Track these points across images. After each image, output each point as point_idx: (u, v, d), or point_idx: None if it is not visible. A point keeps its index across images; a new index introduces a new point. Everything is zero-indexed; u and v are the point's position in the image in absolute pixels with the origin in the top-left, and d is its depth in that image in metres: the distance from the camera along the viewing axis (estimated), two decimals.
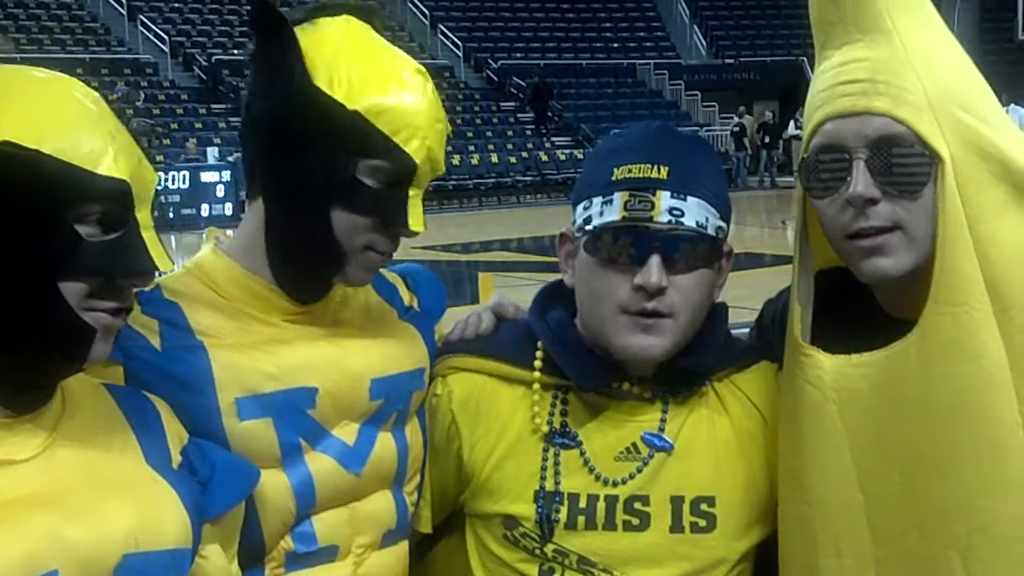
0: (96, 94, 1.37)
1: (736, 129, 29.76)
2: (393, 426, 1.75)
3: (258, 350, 1.62)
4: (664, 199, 1.63)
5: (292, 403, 1.63)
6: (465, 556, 1.84)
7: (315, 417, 1.65)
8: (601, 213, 1.65)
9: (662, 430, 1.75)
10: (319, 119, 1.58)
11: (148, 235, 1.34)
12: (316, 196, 1.60)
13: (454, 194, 25.40)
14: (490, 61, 32.97)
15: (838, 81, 1.58)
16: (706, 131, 30.63)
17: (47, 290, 1.27)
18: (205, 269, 1.68)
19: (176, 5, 31.21)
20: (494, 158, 27.07)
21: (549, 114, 30.77)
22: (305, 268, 1.66)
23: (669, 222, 1.63)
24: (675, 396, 1.77)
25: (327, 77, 1.58)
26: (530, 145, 28.27)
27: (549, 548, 1.72)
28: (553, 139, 29.11)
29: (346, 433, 1.69)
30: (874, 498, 1.58)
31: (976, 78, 1.61)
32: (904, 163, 1.54)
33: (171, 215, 19.40)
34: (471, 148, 27.22)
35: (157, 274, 1.39)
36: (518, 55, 33.98)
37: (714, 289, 1.73)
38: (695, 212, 1.65)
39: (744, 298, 1.70)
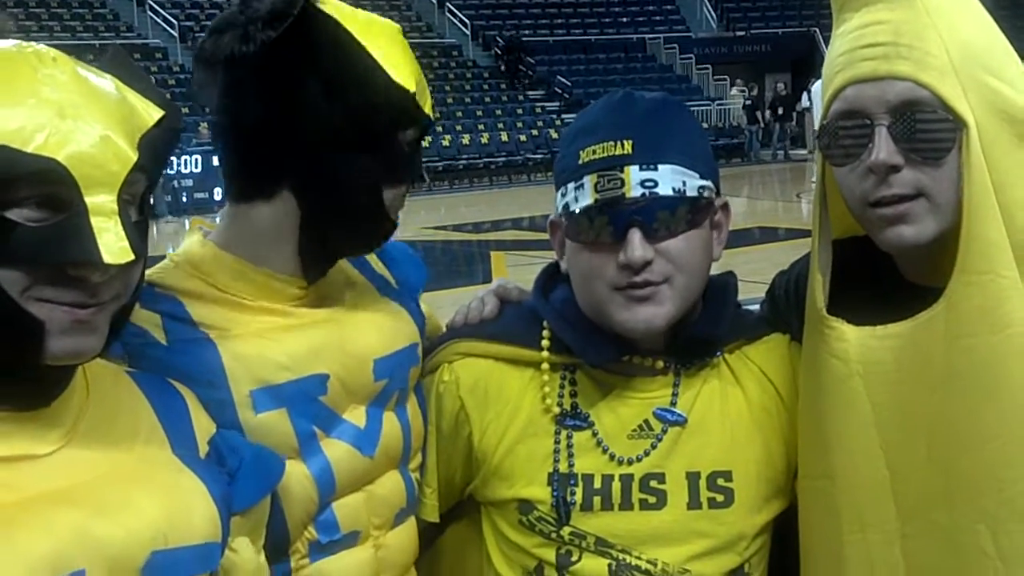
0: (74, 67, 1.26)
1: (748, 102, 29.63)
2: (396, 405, 1.74)
3: (266, 339, 1.60)
4: (633, 174, 1.60)
5: (305, 392, 1.61)
6: (479, 542, 1.82)
7: (327, 403, 1.63)
8: (576, 199, 1.63)
9: (674, 404, 1.73)
10: (390, 106, 1.58)
11: (101, 221, 1.20)
12: (375, 181, 1.61)
13: (464, 173, 25.36)
14: (498, 39, 32.84)
15: (858, 45, 1.54)
16: (717, 104, 30.54)
17: None
18: (197, 263, 1.63)
19: None
20: (504, 136, 27.00)
21: (521, 68, 30.85)
22: (346, 251, 1.69)
23: (643, 195, 1.60)
24: (687, 368, 1.74)
25: (386, 60, 1.58)
26: (540, 123, 28.19)
27: (566, 531, 1.70)
28: (563, 116, 29.00)
29: (356, 416, 1.68)
30: (900, 472, 1.55)
31: (1000, 40, 1.57)
32: (928, 129, 1.50)
33: (184, 199, 19.43)
34: (481, 127, 27.16)
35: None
36: (526, 32, 33.84)
37: (712, 247, 1.70)
38: (669, 179, 1.61)
39: (758, 272, 1.68)
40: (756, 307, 1.97)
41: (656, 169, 1.61)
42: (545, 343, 1.76)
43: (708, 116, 29.72)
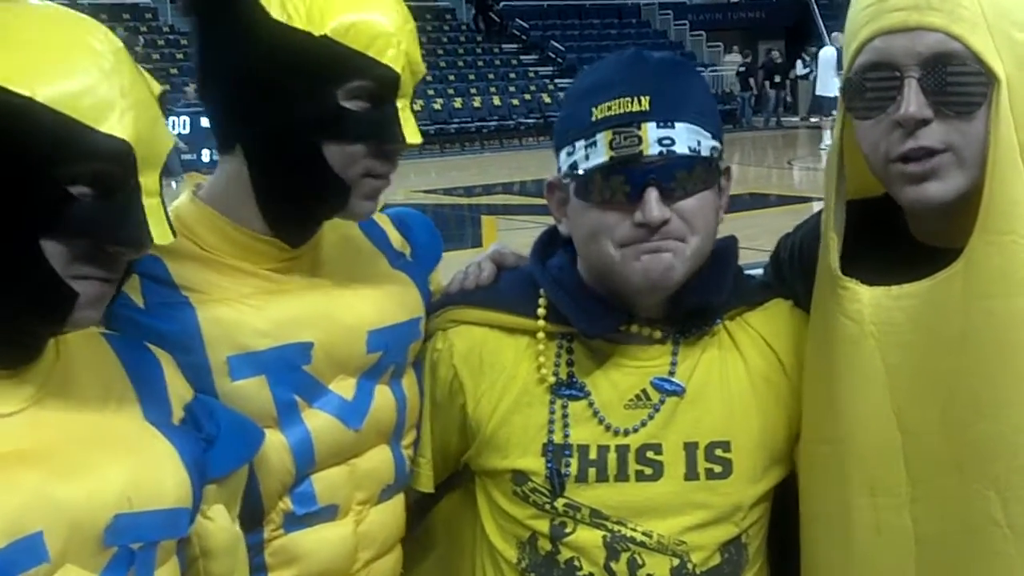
0: (119, 44, 1.25)
1: (741, 69, 29.56)
2: (391, 379, 1.70)
3: (247, 304, 1.55)
4: (651, 131, 1.55)
5: (286, 359, 1.56)
6: (474, 514, 1.79)
7: (311, 373, 1.59)
8: (587, 157, 1.58)
9: (672, 373, 1.69)
10: (287, 55, 1.48)
11: (151, 203, 1.23)
12: (303, 135, 1.51)
13: (456, 137, 25.27)
14: (491, 2, 32.65)
15: None
16: (712, 71, 30.44)
17: (28, 248, 1.17)
18: (184, 220, 1.58)
19: None
20: (496, 100, 26.90)
21: (492, 16, 30.94)
22: (304, 210, 1.60)
23: (660, 154, 1.55)
24: (686, 336, 1.71)
25: (280, 6, 1.48)
26: (533, 87, 28.09)
27: (560, 503, 1.67)
28: (556, 81, 28.90)
29: (344, 388, 1.63)
30: (912, 436, 1.52)
31: None
32: (959, 82, 1.46)
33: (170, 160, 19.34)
34: (473, 91, 27.05)
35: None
36: None
37: (719, 210, 1.66)
38: (685, 137, 1.56)
39: (751, 238, 1.66)
40: (753, 272, 1.93)
41: (673, 127, 1.56)
42: (541, 311, 1.72)
43: None
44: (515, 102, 27.15)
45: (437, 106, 25.24)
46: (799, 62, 29.04)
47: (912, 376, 1.51)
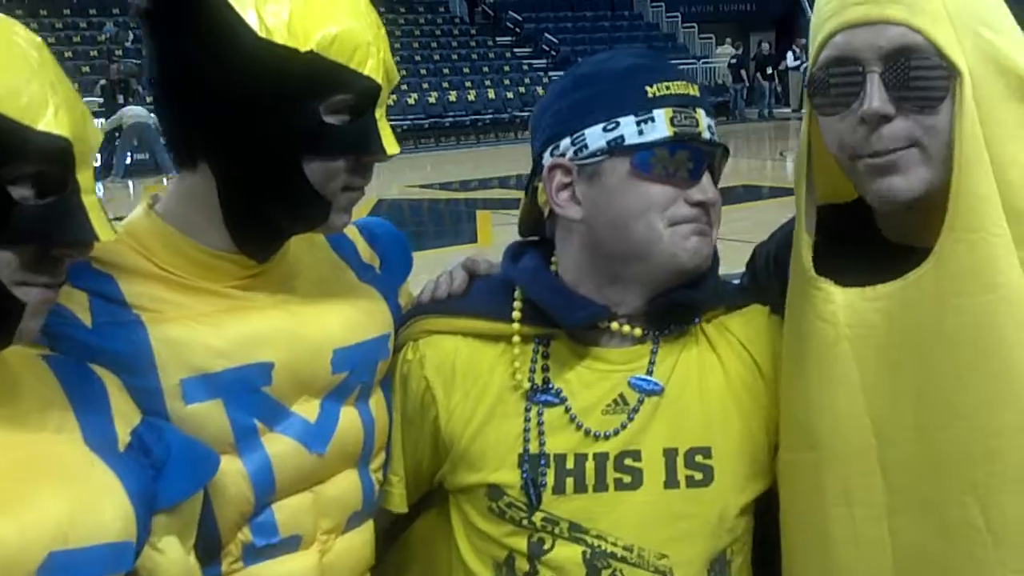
0: (39, 39, 1.20)
1: (733, 61, 29.55)
2: (357, 400, 1.62)
3: (204, 323, 1.47)
4: (703, 116, 1.61)
5: (245, 381, 1.48)
6: (448, 534, 1.74)
7: (271, 394, 1.51)
8: (640, 132, 1.58)
9: (651, 373, 1.66)
10: (270, 73, 1.40)
11: (90, 200, 1.18)
12: (283, 153, 1.44)
13: (451, 131, 25.25)
14: None
15: None
16: (703, 63, 30.42)
17: None
18: (139, 236, 1.51)
19: None
20: (491, 94, 26.87)
21: (486, 9, 31.28)
22: (278, 228, 1.53)
23: (711, 139, 1.62)
24: (665, 335, 1.68)
25: (260, 22, 1.40)
26: (527, 80, 28.06)
27: (537, 517, 1.63)
28: (551, 74, 28.88)
29: (307, 410, 1.55)
30: (888, 442, 1.49)
31: None
32: (922, 76, 1.44)
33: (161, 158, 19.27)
34: (468, 84, 27.02)
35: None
36: None
37: None
38: (716, 129, 1.65)
39: (744, 231, 1.68)
40: (741, 269, 1.92)
41: (713, 118, 1.64)
42: (516, 314, 1.69)
43: (694, 74, 29.42)
44: (509, 95, 27.12)
45: (432, 100, 25.23)
46: (790, 53, 29.02)
47: (887, 378, 1.49)
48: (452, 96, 25.92)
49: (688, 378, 1.68)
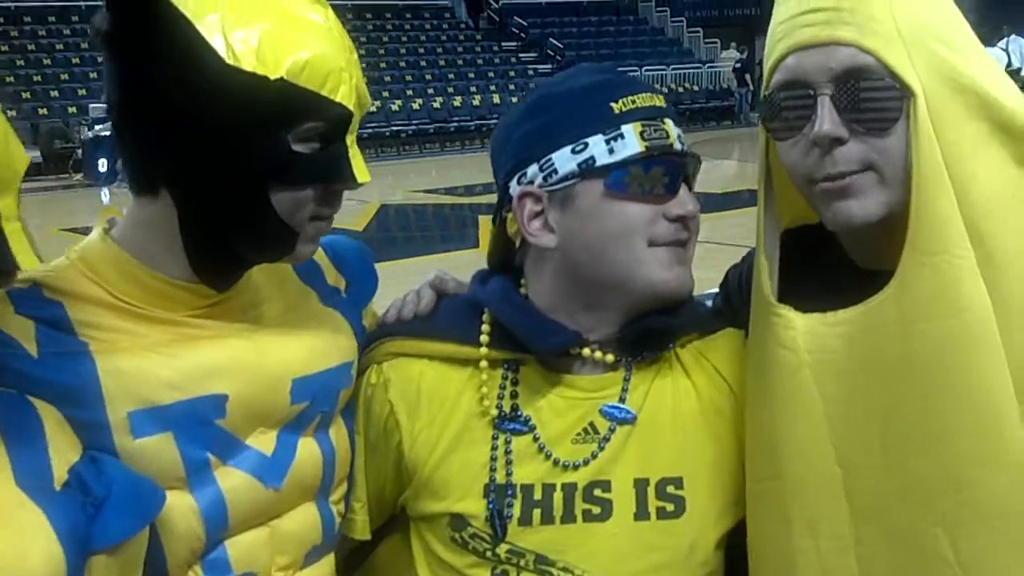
0: None
1: (738, 65, 29.56)
2: (316, 430, 1.56)
3: (155, 353, 1.41)
4: (671, 126, 1.57)
5: (197, 414, 1.42)
6: (410, 561, 1.68)
7: (225, 427, 1.44)
8: (611, 150, 1.52)
9: (623, 400, 1.61)
10: (238, 101, 1.34)
11: (11, 228, 1.13)
12: (251, 182, 1.39)
13: (456, 136, 25.24)
14: (491, 1, 32.66)
15: (800, 10, 1.45)
16: (708, 67, 30.42)
17: None
18: (92, 262, 1.44)
19: None
20: (496, 99, 26.86)
21: (491, 14, 31.38)
22: (242, 258, 1.47)
23: (682, 149, 1.57)
24: (638, 362, 1.63)
25: (227, 49, 1.34)
26: (532, 85, 27.90)
27: (502, 549, 1.57)
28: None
29: (262, 442, 1.49)
30: (853, 471, 1.44)
31: (951, 8, 1.47)
32: (873, 97, 1.40)
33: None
34: (473, 89, 27.04)
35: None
36: None
37: None
38: (686, 138, 1.60)
39: (747, 235, 1.65)
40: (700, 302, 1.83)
41: (680, 127, 1.59)
42: (484, 338, 1.63)
43: (699, 79, 29.63)
44: (514, 100, 26.77)
45: (436, 104, 25.25)
46: None
47: (850, 406, 1.44)
48: (457, 101, 25.94)
49: (661, 406, 1.63)
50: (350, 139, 1.44)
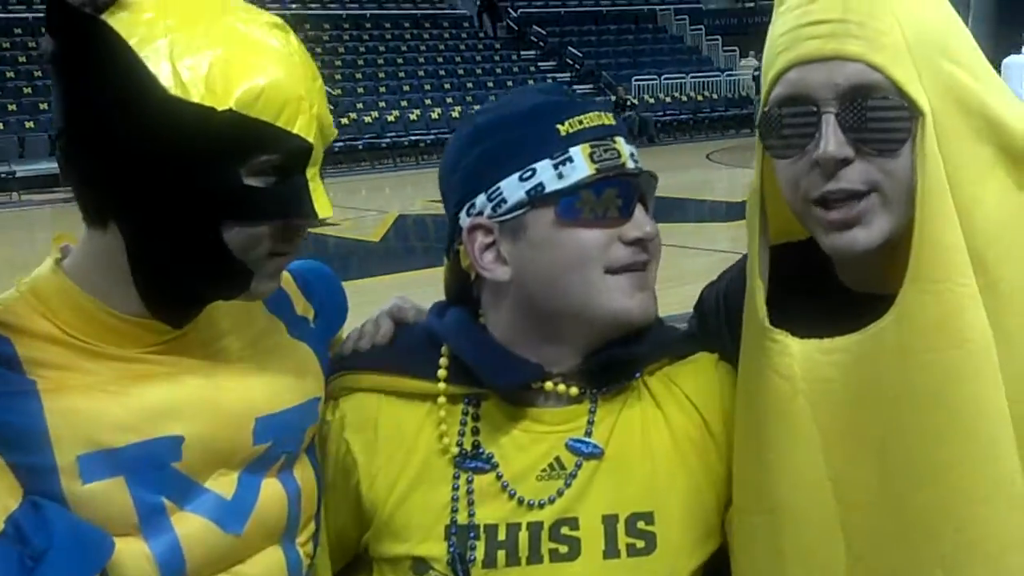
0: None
1: (757, 74, 29.53)
2: (280, 470, 1.47)
3: (107, 392, 1.32)
4: (622, 144, 1.49)
5: (151, 457, 1.33)
6: None
7: (181, 470, 1.36)
8: (560, 175, 1.45)
9: (589, 434, 1.53)
10: (182, 133, 1.26)
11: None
12: (200, 216, 1.30)
13: None
14: (510, 10, 32.73)
15: (804, 22, 1.36)
16: (727, 76, 30.39)
17: None
18: (42, 294, 1.36)
19: None
20: None
21: (510, 23, 31.46)
22: (195, 295, 1.39)
23: (635, 168, 1.49)
24: (604, 393, 1.55)
25: (173, 77, 1.25)
26: None
27: None
28: (575, 87, 28.95)
29: (222, 485, 1.40)
30: (850, 506, 1.38)
31: (956, 21, 1.40)
32: (881, 116, 1.32)
33: None
34: (492, 98, 26.82)
35: None
36: (538, 3, 33.71)
37: None
38: (639, 155, 1.52)
39: None
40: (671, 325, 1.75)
41: (633, 144, 1.52)
42: (442, 372, 1.55)
43: (718, 87, 29.60)
44: None
45: (455, 114, 25.24)
46: None
47: (847, 438, 1.38)
48: (476, 110, 25.98)
49: (630, 438, 1.55)
50: (312, 171, 1.36)
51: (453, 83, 27.54)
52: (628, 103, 27.33)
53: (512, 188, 1.47)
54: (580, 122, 1.48)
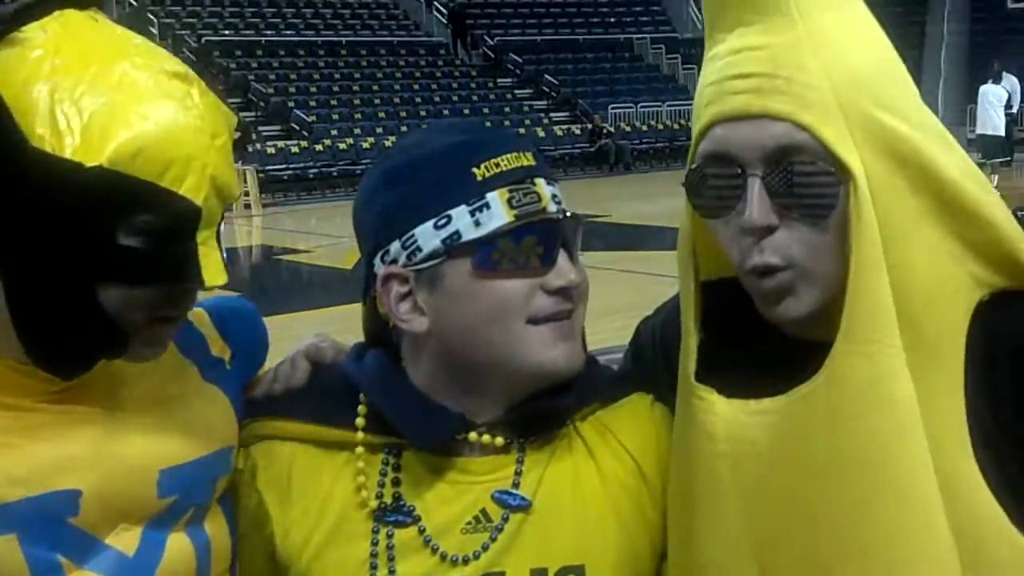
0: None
1: None
2: (188, 524, 1.38)
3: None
4: (543, 186, 1.40)
5: (46, 512, 1.25)
6: None
7: (80, 526, 1.28)
8: (477, 223, 1.36)
9: (516, 486, 1.45)
10: (53, 187, 1.16)
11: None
12: (71, 276, 1.21)
13: None
14: (487, 38, 32.83)
15: (729, 74, 1.29)
16: None
17: None
18: None
19: None
20: None
21: (469, 39, 31.50)
22: (73, 355, 1.29)
23: (558, 211, 1.40)
24: (531, 442, 1.47)
25: (50, 124, 1.16)
26: (528, 121, 28.13)
27: None
28: (551, 115, 29.03)
29: (124, 541, 1.32)
30: (772, 571, 1.31)
31: (893, 63, 1.32)
32: (807, 182, 1.25)
33: None
34: None
35: None
36: (515, 31, 33.83)
37: None
38: (563, 195, 1.43)
39: None
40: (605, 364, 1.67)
41: (555, 184, 1.43)
42: (360, 421, 1.47)
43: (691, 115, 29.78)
44: None
45: None
46: None
47: (771, 504, 1.31)
48: None
49: (560, 489, 1.47)
50: (204, 235, 1.25)
51: (429, 110, 27.54)
52: (605, 131, 27.43)
53: (427, 236, 1.39)
54: (497, 164, 1.39)
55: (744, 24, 1.30)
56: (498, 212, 1.36)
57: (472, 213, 1.37)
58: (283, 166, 22.98)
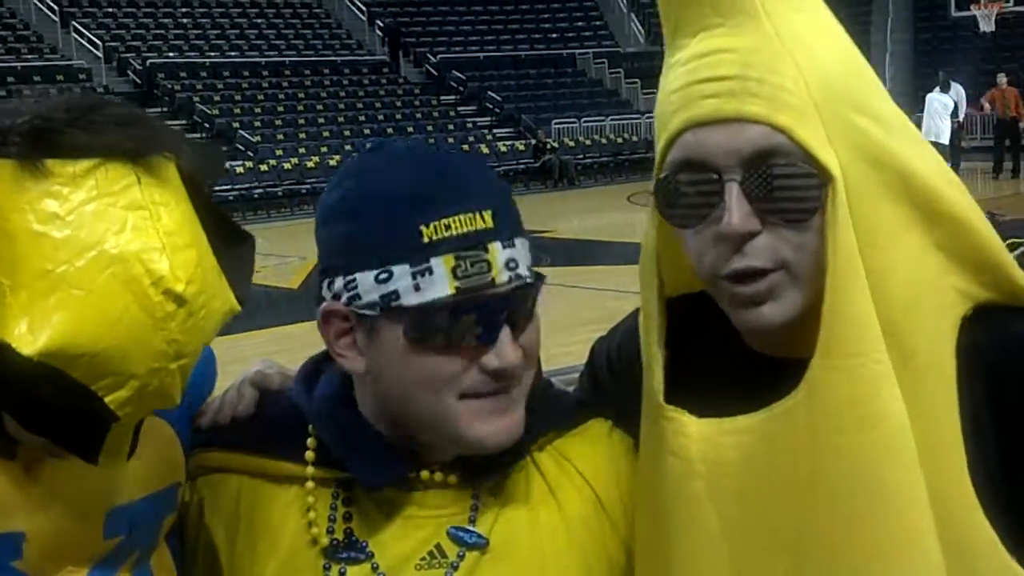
0: None
1: None
2: (135, 565, 1.33)
3: None
4: (498, 253, 1.27)
5: None
6: None
7: (23, 570, 1.23)
8: (417, 287, 1.25)
9: (473, 522, 1.37)
10: None
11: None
12: None
13: None
14: (429, 55, 32.86)
15: (699, 77, 1.23)
16: (647, 118, 30.72)
17: None
18: None
19: (109, 10, 30.78)
20: None
21: (412, 57, 31.68)
22: None
23: (509, 280, 1.27)
24: (486, 479, 1.39)
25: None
26: (472, 138, 28.14)
27: None
28: (495, 131, 29.07)
29: None
30: None
31: (863, 67, 1.28)
32: (788, 184, 1.20)
33: None
34: None
35: None
36: (457, 48, 33.88)
37: None
38: (524, 256, 1.30)
39: None
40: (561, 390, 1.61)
41: (515, 245, 1.29)
42: (310, 454, 1.39)
43: (638, 129, 29.84)
44: None
45: None
46: None
47: (751, 526, 1.25)
48: None
49: (517, 526, 1.39)
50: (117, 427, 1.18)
51: (373, 128, 27.49)
52: (548, 146, 27.47)
53: (367, 286, 1.28)
54: (447, 227, 1.26)
55: (708, 28, 1.25)
56: (440, 281, 1.25)
57: (414, 275, 1.25)
58: (228, 187, 22.80)
